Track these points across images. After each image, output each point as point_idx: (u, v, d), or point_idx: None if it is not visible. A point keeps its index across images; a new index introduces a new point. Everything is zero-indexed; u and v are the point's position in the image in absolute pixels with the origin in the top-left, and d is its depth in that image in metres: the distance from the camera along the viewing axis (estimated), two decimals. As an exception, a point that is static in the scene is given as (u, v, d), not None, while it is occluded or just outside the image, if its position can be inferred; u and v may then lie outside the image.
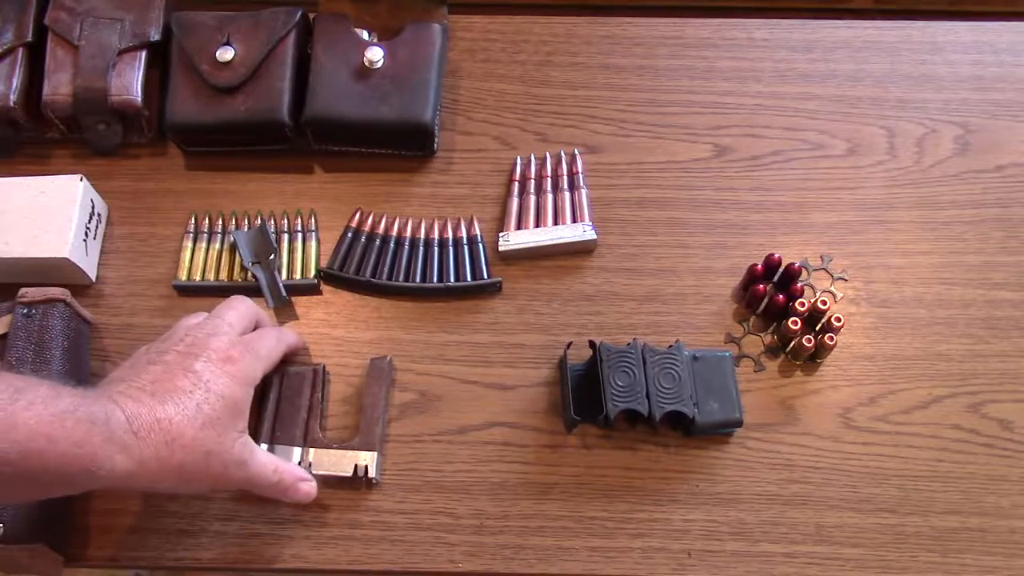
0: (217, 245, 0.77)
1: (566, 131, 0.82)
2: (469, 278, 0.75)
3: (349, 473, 0.68)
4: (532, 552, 0.67)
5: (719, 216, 0.78)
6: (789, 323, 0.71)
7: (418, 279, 0.75)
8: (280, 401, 0.70)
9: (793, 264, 0.73)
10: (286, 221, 0.78)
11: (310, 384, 0.71)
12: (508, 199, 0.78)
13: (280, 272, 0.76)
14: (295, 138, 0.79)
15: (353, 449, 0.68)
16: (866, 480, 0.69)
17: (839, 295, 0.75)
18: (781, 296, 0.72)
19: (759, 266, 0.74)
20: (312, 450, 0.68)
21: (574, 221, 0.77)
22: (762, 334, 0.74)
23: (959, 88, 0.83)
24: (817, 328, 0.73)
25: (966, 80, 0.83)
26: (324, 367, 0.72)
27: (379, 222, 0.78)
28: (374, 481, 0.68)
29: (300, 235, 0.77)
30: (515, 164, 0.80)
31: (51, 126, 0.80)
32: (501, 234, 0.76)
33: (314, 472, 0.68)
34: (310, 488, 0.66)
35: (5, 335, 0.69)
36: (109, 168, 0.80)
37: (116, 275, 0.77)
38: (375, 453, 0.68)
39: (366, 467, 0.68)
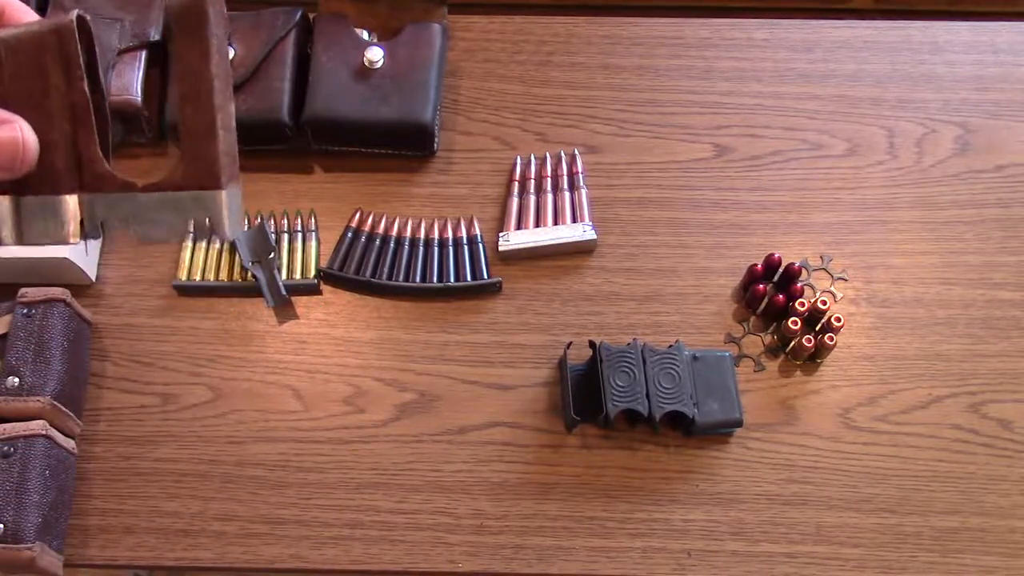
0: (217, 245, 0.77)
1: (566, 131, 0.82)
2: (469, 278, 0.75)
3: (182, 234, 0.41)
4: (532, 552, 0.67)
5: (719, 216, 0.78)
6: (789, 323, 0.71)
7: (418, 279, 0.75)
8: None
9: (793, 264, 0.73)
10: (286, 221, 0.78)
11: (56, 58, 0.36)
12: (508, 199, 0.78)
13: (280, 272, 0.76)
14: (295, 138, 0.79)
15: (172, 189, 0.37)
16: (866, 480, 0.69)
17: (839, 295, 0.75)
18: (781, 296, 0.72)
19: (759, 266, 0.74)
20: (98, 196, 0.38)
21: (574, 221, 0.77)
22: (762, 334, 0.74)
23: (959, 88, 0.83)
24: (817, 328, 0.73)
25: (966, 80, 0.83)
26: (73, 17, 0.36)
27: (379, 222, 0.78)
28: (222, 239, 0.42)
29: (300, 235, 0.77)
30: (515, 164, 0.80)
31: (51, 126, 0.80)
32: (501, 234, 0.76)
33: (115, 235, 0.41)
34: (15, 135, 0.35)
35: (5, 335, 0.69)
36: (109, 168, 0.80)
37: (116, 275, 0.77)
38: (218, 193, 0.37)
39: (205, 219, 0.37)
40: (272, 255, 0.75)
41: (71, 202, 0.37)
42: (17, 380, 0.67)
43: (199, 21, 0.34)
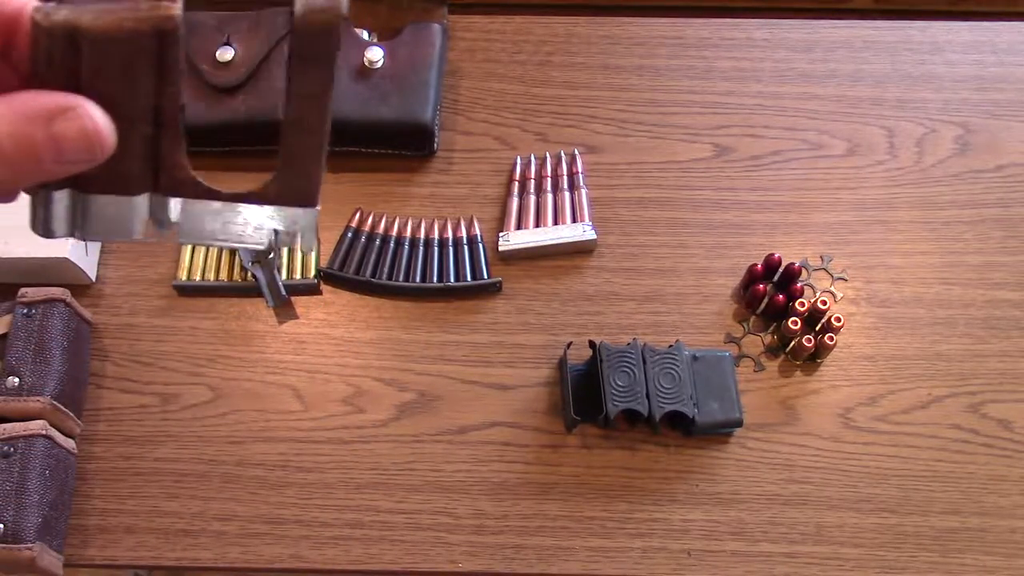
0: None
1: (566, 131, 0.82)
2: (469, 278, 0.75)
3: (257, 243, 0.35)
4: (532, 552, 0.67)
5: (719, 216, 0.78)
6: (789, 323, 0.71)
7: (418, 279, 0.75)
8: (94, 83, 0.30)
9: (793, 264, 0.73)
10: (286, 221, 0.78)
11: (150, 60, 0.30)
12: (508, 199, 0.78)
13: (280, 272, 0.76)
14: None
15: (259, 202, 0.35)
16: (866, 480, 0.69)
17: (839, 295, 0.75)
18: (781, 296, 0.72)
19: (759, 266, 0.74)
20: (173, 200, 0.35)
21: (574, 221, 0.77)
22: (762, 334, 0.74)
23: (959, 88, 0.83)
24: (817, 328, 0.73)
25: (966, 80, 0.83)
26: (179, 14, 0.30)
27: (379, 222, 0.78)
28: (304, 251, 0.41)
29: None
30: (515, 164, 0.80)
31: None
32: (501, 234, 0.76)
33: (184, 241, 0.38)
34: (85, 123, 0.29)
35: (5, 335, 0.69)
36: (109, 168, 0.80)
37: (116, 275, 0.77)
38: (311, 210, 0.36)
39: (293, 232, 0.36)
40: (272, 255, 0.75)
41: (141, 203, 0.33)
42: (17, 380, 0.67)
43: (329, 49, 0.32)
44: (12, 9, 0.28)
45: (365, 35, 0.80)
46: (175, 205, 0.34)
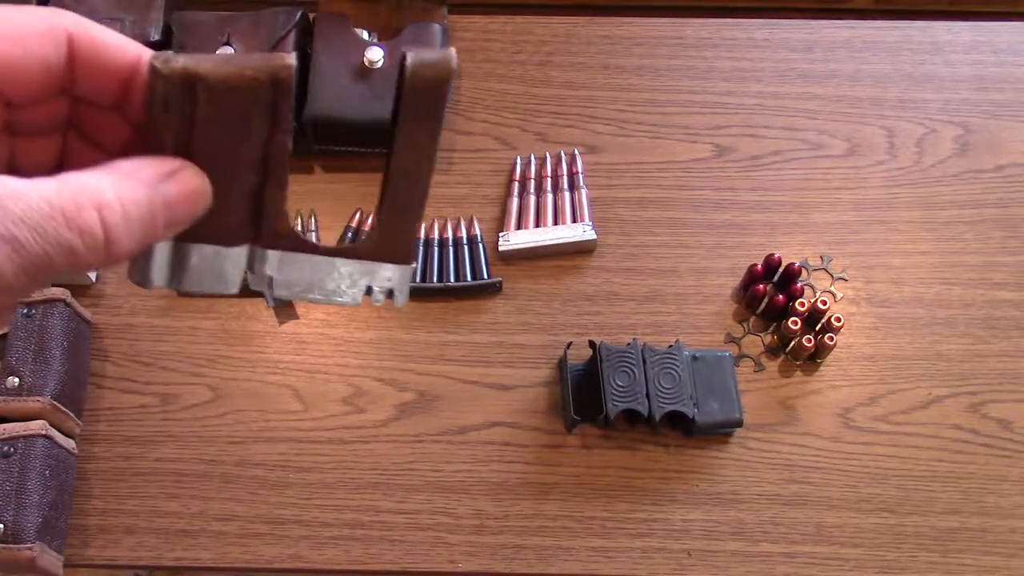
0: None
1: (566, 131, 0.82)
2: (469, 278, 0.75)
3: (352, 298, 0.35)
4: (532, 552, 0.67)
5: (719, 216, 0.78)
6: (789, 323, 0.71)
7: (418, 279, 0.75)
8: (202, 143, 0.30)
9: (793, 264, 0.73)
10: (286, 221, 0.78)
11: (265, 109, 0.31)
12: (508, 199, 0.78)
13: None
14: (295, 138, 0.79)
15: (357, 258, 0.35)
16: (866, 480, 0.69)
17: (839, 295, 0.75)
18: (781, 296, 0.72)
19: (759, 266, 0.74)
20: (271, 253, 0.34)
21: (574, 221, 0.77)
22: (762, 334, 0.74)
23: (959, 88, 0.83)
24: (817, 328, 0.73)
25: (966, 80, 0.83)
26: (295, 64, 0.30)
27: (379, 222, 0.78)
28: (398, 305, 0.36)
29: (300, 235, 0.77)
30: (515, 164, 0.80)
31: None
32: (501, 234, 0.76)
33: (278, 295, 0.36)
34: (191, 184, 0.30)
35: (5, 335, 0.69)
36: (109, 168, 0.80)
37: (116, 275, 0.77)
38: (407, 268, 0.35)
39: (387, 288, 0.35)
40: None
41: (239, 254, 0.33)
42: (17, 380, 0.67)
43: (438, 102, 0.32)
44: (129, 61, 0.29)
45: (365, 35, 0.80)
46: (273, 258, 0.34)
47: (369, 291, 0.35)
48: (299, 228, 0.78)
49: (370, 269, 0.35)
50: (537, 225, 0.77)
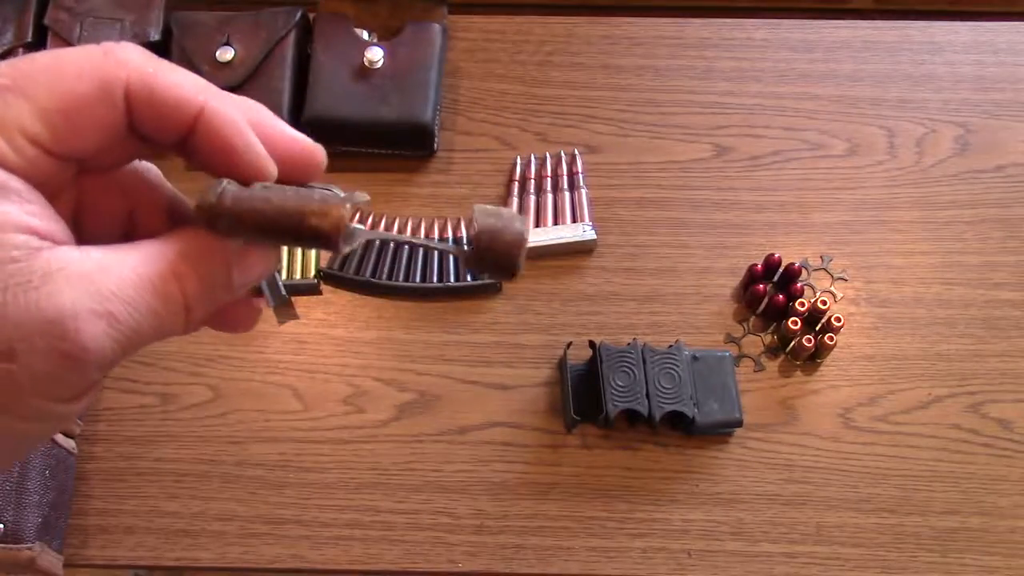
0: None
1: (566, 131, 0.82)
2: (469, 278, 0.75)
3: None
4: (532, 552, 0.67)
5: (719, 216, 0.78)
6: (789, 323, 0.71)
7: (418, 279, 0.75)
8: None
9: (793, 264, 0.73)
10: (286, 221, 0.78)
11: (312, 244, 0.30)
12: (508, 199, 0.78)
13: (280, 272, 0.75)
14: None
15: None
16: (866, 480, 0.69)
17: (839, 295, 0.75)
18: (781, 296, 0.72)
19: (759, 266, 0.74)
20: None
21: (574, 221, 0.77)
22: (762, 334, 0.74)
23: (959, 88, 0.83)
24: (817, 328, 0.73)
25: (966, 80, 0.83)
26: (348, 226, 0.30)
27: (379, 222, 0.78)
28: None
29: (300, 235, 0.77)
30: (515, 164, 0.80)
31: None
32: (501, 234, 0.76)
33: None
34: (255, 252, 0.31)
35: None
36: (109, 168, 0.80)
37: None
38: None
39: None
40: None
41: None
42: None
43: (511, 270, 0.31)
44: (190, 112, 0.27)
45: (365, 35, 0.80)
46: None
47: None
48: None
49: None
50: (537, 225, 0.77)
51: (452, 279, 0.75)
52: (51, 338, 0.24)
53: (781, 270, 0.74)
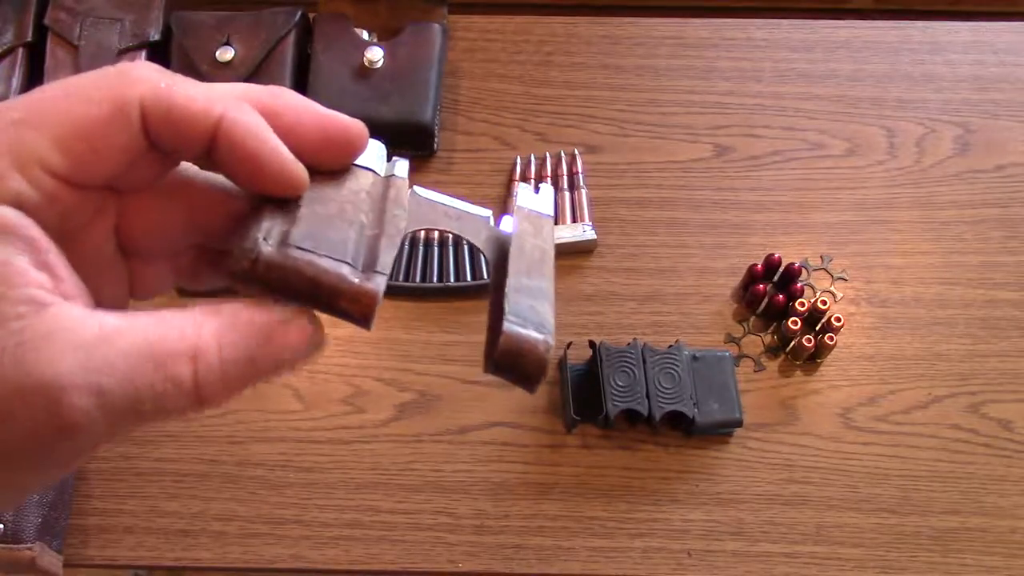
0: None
1: (566, 131, 0.82)
2: (469, 278, 0.75)
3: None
4: (532, 552, 0.67)
5: (719, 216, 0.78)
6: (789, 323, 0.71)
7: (418, 279, 0.75)
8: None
9: (793, 264, 0.73)
10: (286, 221, 0.78)
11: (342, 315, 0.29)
12: (508, 199, 0.78)
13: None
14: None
15: None
16: (866, 480, 0.69)
17: (839, 295, 0.75)
18: (781, 296, 0.72)
19: (759, 266, 0.74)
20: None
21: (574, 221, 0.77)
22: (762, 334, 0.74)
23: (959, 88, 0.83)
24: (817, 328, 0.73)
25: (966, 80, 0.83)
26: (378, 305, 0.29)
27: (379, 222, 0.78)
28: None
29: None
30: (515, 164, 0.80)
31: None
32: (501, 234, 0.76)
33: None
34: (296, 337, 0.29)
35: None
36: (109, 168, 0.80)
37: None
38: None
39: None
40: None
41: None
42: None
43: (534, 378, 0.29)
44: (208, 126, 0.27)
45: (365, 35, 0.80)
46: None
47: None
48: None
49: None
50: (537, 225, 0.77)
51: (452, 279, 0.75)
52: (42, 406, 0.23)
53: (781, 270, 0.74)
